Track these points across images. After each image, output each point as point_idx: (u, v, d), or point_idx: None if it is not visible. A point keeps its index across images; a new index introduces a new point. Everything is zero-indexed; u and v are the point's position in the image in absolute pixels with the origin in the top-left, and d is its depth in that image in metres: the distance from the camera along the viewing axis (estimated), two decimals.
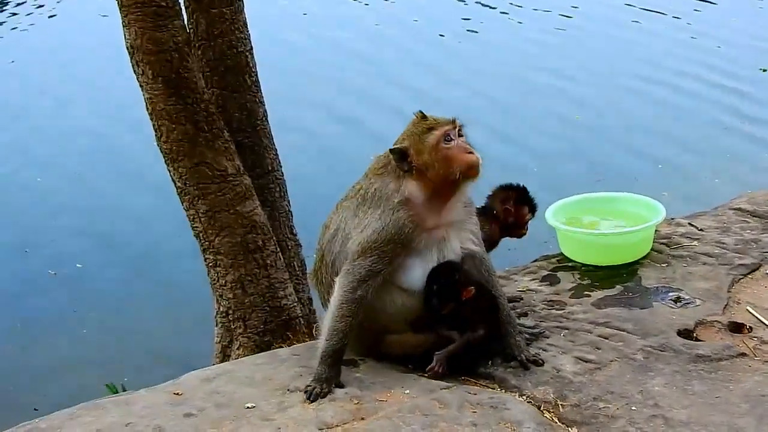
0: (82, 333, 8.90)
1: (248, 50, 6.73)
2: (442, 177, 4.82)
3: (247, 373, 4.98)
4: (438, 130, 4.82)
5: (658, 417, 4.53)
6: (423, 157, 4.82)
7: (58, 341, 8.81)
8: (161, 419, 4.46)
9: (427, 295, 4.89)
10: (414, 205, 4.84)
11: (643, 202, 6.35)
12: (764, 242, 6.31)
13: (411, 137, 4.87)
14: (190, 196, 6.35)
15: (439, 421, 4.47)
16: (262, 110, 6.82)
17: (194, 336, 7.86)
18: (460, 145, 4.83)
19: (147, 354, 8.54)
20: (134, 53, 6.11)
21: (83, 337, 8.88)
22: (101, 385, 7.13)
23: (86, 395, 5.05)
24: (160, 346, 8.64)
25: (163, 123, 6.21)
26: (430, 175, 4.82)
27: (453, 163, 4.79)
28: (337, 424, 4.45)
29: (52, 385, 8.10)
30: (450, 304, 4.90)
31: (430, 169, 4.81)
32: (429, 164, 4.81)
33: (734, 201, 7.07)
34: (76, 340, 8.85)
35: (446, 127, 4.83)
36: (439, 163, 4.80)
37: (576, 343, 5.20)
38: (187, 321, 8.56)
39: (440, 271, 4.89)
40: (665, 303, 5.59)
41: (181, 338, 8.58)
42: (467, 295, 4.91)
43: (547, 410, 4.67)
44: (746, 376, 4.85)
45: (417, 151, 4.83)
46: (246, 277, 6.45)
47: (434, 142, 4.81)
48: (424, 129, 4.85)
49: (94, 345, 8.77)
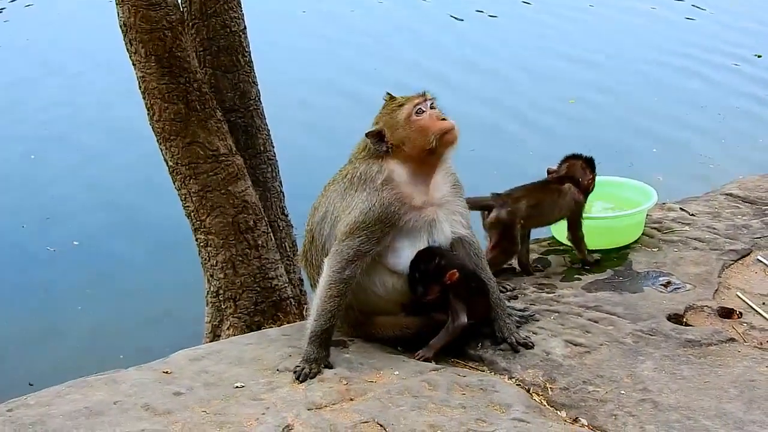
0: (77, 309, 8.87)
1: (242, 30, 6.71)
2: (419, 148, 4.86)
3: (237, 353, 4.98)
4: (408, 104, 4.91)
5: (647, 401, 4.54)
6: (398, 133, 4.87)
7: (56, 316, 8.78)
8: (149, 397, 4.46)
9: (411, 280, 4.90)
10: (398, 183, 4.87)
11: (635, 187, 6.37)
12: (755, 228, 6.32)
13: (383, 117, 4.95)
14: (182, 175, 6.33)
15: (428, 403, 4.47)
16: (255, 90, 6.80)
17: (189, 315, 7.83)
18: (432, 114, 4.90)
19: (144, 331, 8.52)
20: (127, 31, 6.08)
21: (78, 314, 8.85)
22: (97, 362, 7.08)
23: (81, 371, 5.04)
24: (157, 325, 8.62)
25: (155, 102, 6.18)
26: (408, 150, 4.87)
27: (427, 132, 4.85)
28: (326, 404, 4.45)
29: (48, 360, 8.08)
30: (435, 288, 4.90)
31: (407, 143, 4.87)
32: (405, 138, 4.87)
33: (726, 186, 7.09)
34: (73, 315, 8.82)
35: (416, 100, 4.92)
36: (414, 134, 4.86)
37: (566, 326, 5.21)
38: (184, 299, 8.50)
39: (422, 256, 4.90)
40: (655, 287, 5.61)
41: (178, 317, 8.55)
42: (451, 278, 4.90)
43: (536, 393, 4.68)
44: (735, 361, 4.87)
45: (391, 129, 4.89)
46: (237, 257, 6.44)
47: (406, 116, 4.88)
48: (395, 107, 4.93)
49: (90, 321, 8.74)
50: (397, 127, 4.88)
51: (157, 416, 4.30)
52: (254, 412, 4.34)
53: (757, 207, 6.69)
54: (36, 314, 8.81)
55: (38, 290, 9.16)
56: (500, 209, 5.66)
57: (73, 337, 8.50)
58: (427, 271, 4.88)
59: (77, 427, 4.19)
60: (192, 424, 4.25)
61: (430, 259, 4.89)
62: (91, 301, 8.97)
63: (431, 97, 4.96)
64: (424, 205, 4.93)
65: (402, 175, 4.89)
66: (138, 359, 5.09)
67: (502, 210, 5.67)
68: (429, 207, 4.95)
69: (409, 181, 4.90)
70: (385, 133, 4.90)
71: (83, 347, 8.32)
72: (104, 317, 8.75)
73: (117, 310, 8.81)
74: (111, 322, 8.66)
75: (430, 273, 4.88)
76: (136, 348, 7.73)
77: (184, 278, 8.31)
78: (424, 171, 4.94)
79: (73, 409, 4.34)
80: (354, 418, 4.33)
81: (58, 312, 8.85)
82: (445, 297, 4.94)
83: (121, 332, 8.52)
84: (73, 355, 8.13)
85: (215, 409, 4.38)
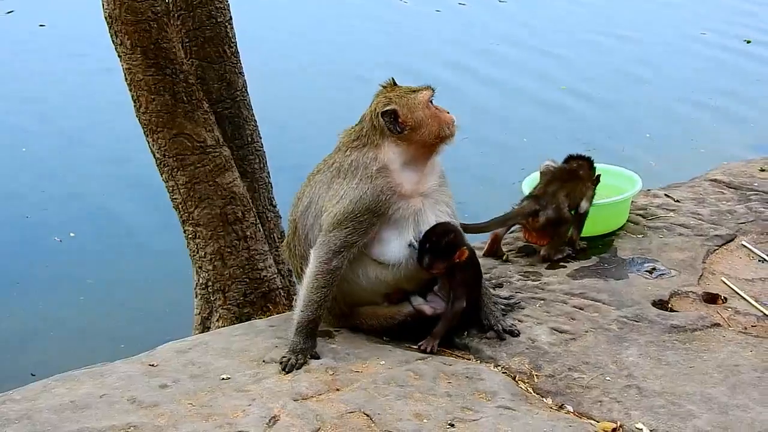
0: (80, 300, 8.89)
1: (228, 20, 6.70)
2: (434, 134, 4.93)
3: (223, 345, 4.99)
4: (426, 90, 5.00)
5: (632, 387, 4.57)
6: (416, 115, 4.92)
7: (56, 307, 8.79)
8: (136, 390, 4.47)
9: (420, 252, 4.90)
10: (392, 171, 4.89)
11: (620, 174, 6.38)
12: (739, 213, 6.35)
13: (399, 99, 4.95)
14: (169, 167, 6.32)
15: (414, 392, 4.49)
16: (241, 81, 6.79)
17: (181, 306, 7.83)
18: (440, 107, 5.02)
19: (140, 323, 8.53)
20: (113, 23, 6.06)
21: (81, 305, 8.86)
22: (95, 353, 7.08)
23: (81, 362, 5.04)
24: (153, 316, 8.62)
25: (141, 94, 6.17)
26: (421, 134, 4.91)
27: (441, 120, 4.94)
28: (312, 394, 4.47)
29: (48, 352, 8.09)
30: (441, 264, 4.92)
31: (423, 127, 4.91)
32: (422, 121, 4.91)
33: (710, 172, 7.12)
34: (74, 307, 8.83)
35: (430, 90, 5.01)
36: (431, 119, 4.92)
37: (551, 313, 5.24)
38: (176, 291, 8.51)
39: (436, 228, 4.92)
40: (640, 274, 5.64)
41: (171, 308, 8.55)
42: (461, 256, 4.93)
43: (522, 381, 4.70)
44: (720, 347, 4.90)
45: (410, 110, 4.92)
46: (225, 248, 6.44)
47: (425, 100, 4.96)
48: (409, 90, 4.99)
49: (91, 312, 8.75)
50: (416, 109, 4.92)
51: (143, 409, 4.31)
52: (240, 404, 4.36)
53: (742, 192, 6.72)
54: (37, 305, 8.82)
55: (39, 280, 9.17)
56: (546, 210, 5.75)
57: (74, 327, 8.50)
58: (438, 243, 4.89)
59: (63, 421, 4.20)
60: (178, 416, 4.26)
61: (444, 233, 4.92)
62: (92, 292, 8.98)
63: None
64: (412, 195, 4.95)
65: (397, 163, 4.91)
66: (131, 351, 5.09)
67: (548, 210, 5.75)
68: (416, 196, 4.97)
69: (403, 170, 4.92)
70: (400, 113, 4.90)
71: (84, 338, 8.32)
72: (98, 309, 8.76)
73: (107, 303, 8.82)
74: (102, 313, 8.66)
75: (441, 247, 4.89)
76: (125, 340, 7.73)
77: (173, 270, 8.32)
78: (420, 160, 4.98)
79: (59, 403, 4.35)
80: (340, 408, 4.35)
81: (60, 302, 8.86)
82: (449, 275, 4.97)
83: (110, 324, 8.53)
84: (73, 347, 8.13)
85: (201, 401, 4.39)
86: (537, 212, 5.75)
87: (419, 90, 4.99)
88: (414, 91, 4.98)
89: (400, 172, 4.91)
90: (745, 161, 7.40)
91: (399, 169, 4.91)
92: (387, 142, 4.92)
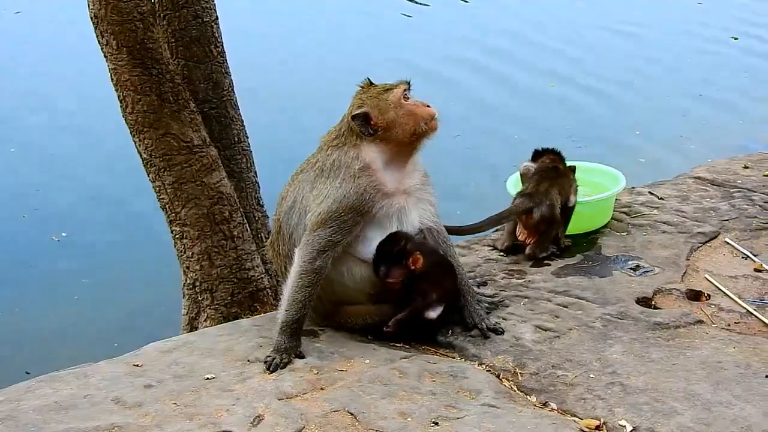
0: (74, 299, 8.88)
1: (214, 20, 6.70)
2: (409, 132, 4.90)
3: (208, 344, 5.00)
4: (398, 88, 4.95)
5: (615, 384, 4.58)
6: (388, 116, 4.90)
7: (53, 306, 8.79)
8: (120, 390, 4.48)
9: (375, 261, 4.93)
10: (374, 170, 4.89)
11: (604, 172, 6.40)
12: (723, 210, 6.38)
13: (370, 100, 4.94)
14: (156, 167, 6.32)
15: (399, 391, 4.51)
16: (228, 81, 6.79)
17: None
18: (417, 100, 4.97)
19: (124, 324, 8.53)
20: (98, 23, 6.06)
21: (76, 303, 8.86)
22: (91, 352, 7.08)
23: (75, 362, 5.07)
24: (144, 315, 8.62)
25: (128, 94, 6.17)
26: (395, 134, 4.90)
27: (417, 117, 4.91)
28: (296, 394, 4.48)
29: (45, 349, 8.09)
30: (398, 272, 4.93)
31: (396, 127, 4.89)
32: (395, 121, 4.89)
33: (694, 170, 7.15)
34: (70, 305, 8.84)
35: (404, 85, 4.97)
36: (404, 117, 4.90)
37: (535, 311, 5.26)
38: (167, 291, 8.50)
39: (388, 238, 4.93)
40: (624, 271, 5.66)
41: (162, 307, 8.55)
42: (415, 262, 4.94)
43: (506, 379, 4.71)
44: (703, 343, 4.92)
45: (381, 111, 4.90)
46: (213, 248, 6.44)
47: (397, 98, 4.92)
48: (381, 90, 4.96)
49: (87, 311, 8.75)
50: (388, 110, 4.90)
51: (127, 409, 4.32)
52: (225, 403, 4.37)
53: (725, 190, 6.75)
54: (33, 302, 8.83)
55: (34, 279, 9.17)
56: (540, 207, 5.79)
57: (68, 326, 8.51)
58: (390, 252, 4.91)
59: (48, 421, 4.21)
60: (162, 416, 4.27)
61: (395, 241, 4.92)
62: (87, 290, 8.98)
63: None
64: (395, 193, 4.95)
65: (379, 162, 4.91)
66: (120, 351, 5.10)
67: (542, 207, 5.79)
68: (400, 195, 4.97)
69: (385, 168, 4.92)
70: (371, 115, 4.90)
71: (78, 337, 8.32)
72: (92, 308, 8.76)
73: (98, 303, 8.82)
74: (90, 314, 8.66)
75: (393, 255, 4.91)
76: (116, 341, 7.72)
77: (161, 270, 8.32)
78: (401, 158, 4.98)
79: (43, 403, 4.35)
80: (324, 407, 4.36)
81: (55, 300, 8.87)
82: (410, 281, 4.96)
83: (103, 323, 8.53)
84: (67, 346, 8.13)
85: (186, 401, 4.40)
86: (531, 209, 5.79)
87: (392, 88, 4.97)
88: (387, 90, 4.96)
89: (382, 170, 4.91)
90: (729, 158, 7.43)
91: (381, 167, 4.91)
92: (365, 142, 4.92)
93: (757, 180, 6.94)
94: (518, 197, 5.87)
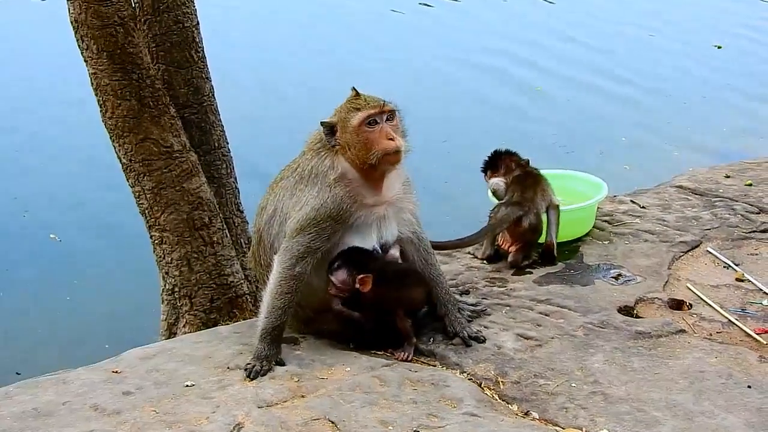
0: (66, 300, 8.83)
1: (195, 25, 6.67)
2: (361, 159, 4.81)
3: (188, 351, 4.97)
4: (362, 111, 4.81)
5: (597, 393, 4.57)
6: (346, 136, 4.84)
7: (43, 308, 8.74)
8: (99, 398, 4.45)
9: (328, 272, 4.90)
10: (350, 180, 4.85)
11: (586, 180, 6.41)
12: (705, 220, 6.39)
13: (339, 113, 4.89)
14: (136, 172, 6.29)
15: (380, 399, 4.49)
16: (208, 86, 6.76)
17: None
18: (383, 129, 4.80)
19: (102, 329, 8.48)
20: (78, 28, 6.03)
21: (67, 305, 8.80)
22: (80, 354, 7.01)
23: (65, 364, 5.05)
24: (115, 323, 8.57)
25: (108, 98, 6.14)
26: (351, 154, 4.83)
27: (372, 147, 4.78)
28: (276, 401, 4.46)
29: (35, 352, 8.03)
30: (344, 288, 4.89)
31: (351, 149, 4.83)
32: (350, 144, 4.82)
33: (676, 178, 7.16)
34: (61, 307, 8.78)
35: (371, 110, 4.81)
36: (359, 144, 4.80)
37: (517, 320, 5.24)
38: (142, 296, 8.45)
39: (341, 255, 4.89)
40: (606, 280, 5.66)
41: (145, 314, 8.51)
42: (363, 285, 4.87)
43: (487, 387, 4.70)
44: (685, 353, 4.91)
45: (342, 129, 4.85)
46: (192, 254, 6.41)
47: (356, 124, 4.80)
48: (351, 108, 4.85)
49: (77, 313, 8.69)
50: (347, 130, 4.82)
51: (106, 416, 4.29)
52: (204, 411, 4.34)
53: (707, 199, 6.75)
54: (26, 303, 8.78)
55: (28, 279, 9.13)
56: (528, 215, 5.80)
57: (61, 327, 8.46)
58: (340, 268, 4.88)
59: (25, 429, 4.18)
60: (141, 423, 4.24)
61: (349, 258, 4.88)
62: (79, 292, 8.93)
63: (391, 108, 4.84)
64: (375, 203, 4.92)
65: (354, 173, 4.86)
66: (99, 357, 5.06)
67: (530, 215, 5.81)
68: (380, 205, 4.94)
69: (361, 181, 4.87)
70: (336, 128, 4.87)
71: (70, 339, 8.27)
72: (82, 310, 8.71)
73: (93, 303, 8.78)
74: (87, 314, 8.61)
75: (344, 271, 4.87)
76: (92, 345, 7.68)
77: (141, 275, 8.26)
78: (371, 174, 4.89)
79: (21, 410, 4.32)
80: (305, 415, 4.34)
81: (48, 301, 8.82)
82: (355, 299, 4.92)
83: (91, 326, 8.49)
84: (58, 347, 8.08)
85: (165, 409, 4.37)
86: (521, 218, 5.79)
87: (360, 109, 4.80)
88: (356, 109, 4.81)
89: (358, 181, 4.86)
90: (710, 167, 7.45)
91: (357, 179, 4.86)
92: (339, 151, 4.89)
93: (739, 189, 6.95)
94: (504, 206, 5.85)
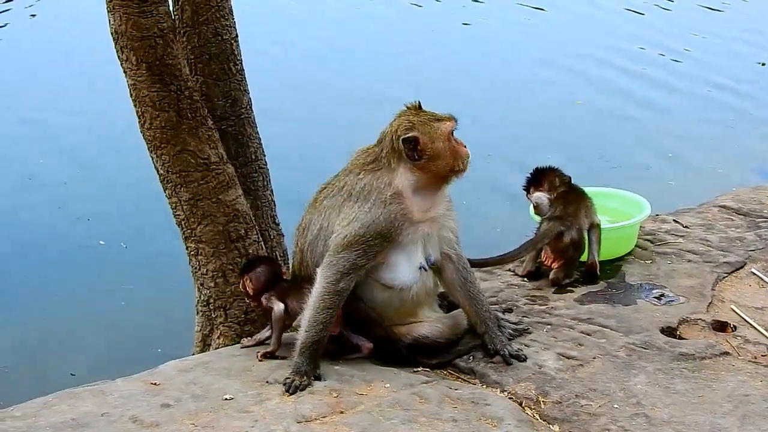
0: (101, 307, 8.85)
1: (233, 38, 6.66)
2: (448, 167, 4.87)
3: (225, 364, 4.95)
4: (449, 122, 4.90)
5: (640, 415, 4.51)
6: (436, 145, 4.84)
7: (72, 316, 8.75)
8: (137, 409, 4.42)
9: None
10: (405, 197, 4.84)
11: (628, 199, 6.36)
12: (749, 240, 6.31)
13: (421, 126, 4.86)
14: (173, 183, 6.28)
15: (419, 416, 4.43)
16: (246, 98, 6.74)
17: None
18: (459, 140, 4.94)
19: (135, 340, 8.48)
20: (118, 39, 6.03)
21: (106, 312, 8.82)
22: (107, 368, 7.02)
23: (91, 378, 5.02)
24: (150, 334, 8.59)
25: (146, 110, 6.13)
26: (437, 165, 4.85)
27: (458, 154, 4.88)
28: (315, 417, 4.41)
29: (60, 363, 8.04)
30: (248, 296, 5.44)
31: (440, 159, 4.85)
32: (440, 153, 4.84)
33: (719, 198, 7.08)
34: (97, 315, 8.80)
35: (454, 122, 4.92)
36: (449, 153, 4.86)
37: (558, 339, 5.19)
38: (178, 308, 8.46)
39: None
40: (649, 300, 5.59)
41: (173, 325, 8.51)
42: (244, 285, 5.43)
43: (528, 407, 4.65)
44: (729, 376, 4.84)
45: (431, 139, 4.84)
46: (228, 266, 6.39)
47: (448, 132, 4.87)
48: (432, 120, 4.89)
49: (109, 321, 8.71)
50: (437, 140, 4.84)
51: (144, 428, 4.27)
52: (243, 425, 4.30)
53: (751, 219, 6.67)
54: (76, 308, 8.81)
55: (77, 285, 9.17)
56: (570, 230, 5.77)
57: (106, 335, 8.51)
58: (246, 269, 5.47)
59: None
60: None
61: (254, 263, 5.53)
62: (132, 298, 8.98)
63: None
64: (422, 220, 4.91)
65: (410, 190, 4.86)
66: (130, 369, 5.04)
67: (572, 230, 5.77)
68: (426, 222, 4.93)
69: (415, 196, 4.88)
70: (421, 141, 4.83)
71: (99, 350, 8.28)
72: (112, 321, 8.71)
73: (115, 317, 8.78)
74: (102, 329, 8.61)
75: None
76: (126, 357, 7.67)
77: (176, 287, 8.26)
78: (432, 188, 4.93)
79: (59, 420, 4.30)
80: (344, 431, 4.29)
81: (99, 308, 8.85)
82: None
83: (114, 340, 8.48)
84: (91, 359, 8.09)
85: (203, 422, 4.33)
86: (563, 233, 5.76)
87: (443, 120, 4.90)
88: (438, 120, 4.89)
89: (412, 198, 4.87)
90: (753, 187, 7.36)
91: (412, 195, 4.86)
92: (403, 167, 4.86)
93: None
94: (546, 221, 5.81)
